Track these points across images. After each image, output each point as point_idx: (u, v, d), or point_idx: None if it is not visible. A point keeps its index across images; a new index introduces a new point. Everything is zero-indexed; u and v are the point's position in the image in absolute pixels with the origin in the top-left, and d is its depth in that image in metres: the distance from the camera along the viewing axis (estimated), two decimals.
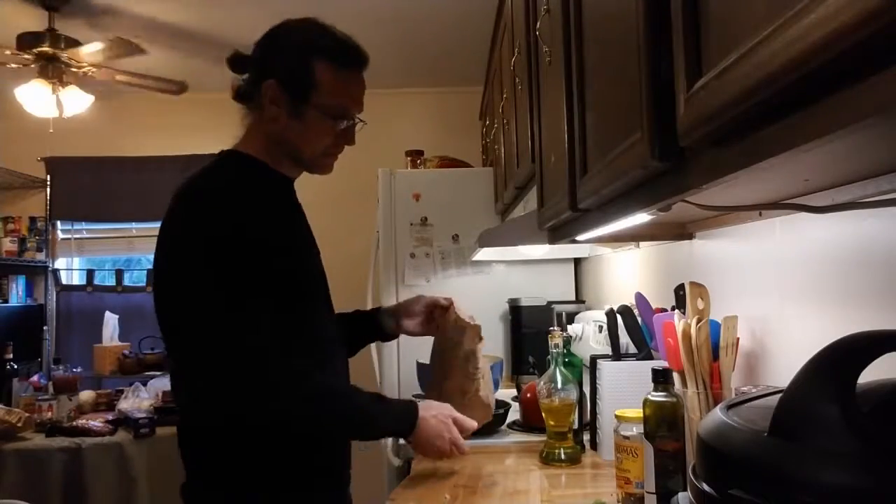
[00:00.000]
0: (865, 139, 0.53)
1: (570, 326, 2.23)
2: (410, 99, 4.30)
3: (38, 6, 3.05)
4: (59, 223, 4.48)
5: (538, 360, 2.07)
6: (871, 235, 0.93)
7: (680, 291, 1.34)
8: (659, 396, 1.14)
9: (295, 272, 1.30)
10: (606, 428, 1.58)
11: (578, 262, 3.05)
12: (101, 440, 2.90)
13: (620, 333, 1.63)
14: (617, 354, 1.63)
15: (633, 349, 1.62)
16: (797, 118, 0.46)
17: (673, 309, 1.39)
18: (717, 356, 1.21)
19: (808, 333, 1.10)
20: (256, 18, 3.12)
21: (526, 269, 3.00)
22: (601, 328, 1.90)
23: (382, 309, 1.65)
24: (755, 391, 0.95)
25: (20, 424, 2.88)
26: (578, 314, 2.39)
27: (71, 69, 3.24)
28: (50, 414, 3.04)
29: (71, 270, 4.55)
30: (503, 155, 2.57)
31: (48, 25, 3.11)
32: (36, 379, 3.48)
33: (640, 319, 1.60)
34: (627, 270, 2.24)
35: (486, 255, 2.62)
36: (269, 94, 1.29)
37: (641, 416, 1.17)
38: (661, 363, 1.33)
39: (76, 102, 3.36)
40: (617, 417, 1.30)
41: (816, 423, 0.52)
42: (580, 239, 1.43)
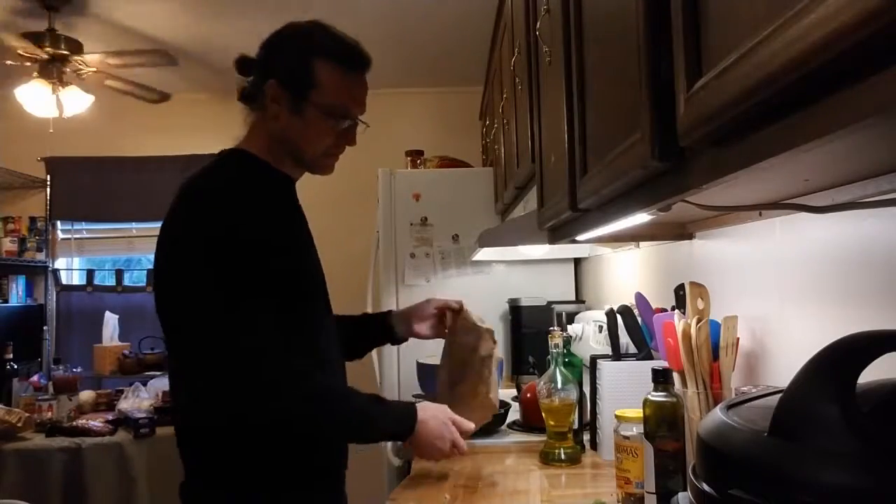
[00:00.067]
0: (865, 139, 0.53)
1: (570, 326, 2.23)
2: (410, 99, 4.30)
3: (38, 6, 3.05)
4: (59, 223, 4.48)
5: (538, 360, 2.08)
6: (871, 235, 0.93)
7: (680, 291, 1.34)
8: (659, 396, 1.14)
9: (295, 272, 1.31)
10: (606, 428, 1.58)
11: (578, 262, 3.05)
12: (101, 440, 2.90)
13: (620, 333, 1.63)
14: (617, 354, 1.63)
15: (633, 349, 1.62)
16: (797, 118, 0.46)
17: (673, 309, 1.39)
18: (717, 356, 1.21)
19: (808, 333, 1.10)
20: (258, 20, 3.14)
21: (526, 269, 3.00)
22: (601, 328, 1.90)
23: (393, 312, 1.65)
24: (755, 391, 0.95)
25: (20, 424, 2.88)
26: (578, 314, 2.39)
27: (68, 70, 3.24)
28: (50, 414, 3.05)
29: (71, 270, 4.55)
30: (503, 155, 2.57)
31: (48, 25, 3.12)
32: (36, 379, 3.48)
33: (640, 319, 1.60)
34: (627, 270, 2.24)
35: (486, 255, 2.62)
36: (270, 92, 1.30)
37: (641, 416, 1.17)
38: (661, 363, 1.33)
39: (76, 102, 3.36)
40: (617, 417, 1.30)
41: (816, 423, 0.52)
42: (580, 239, 1.43)
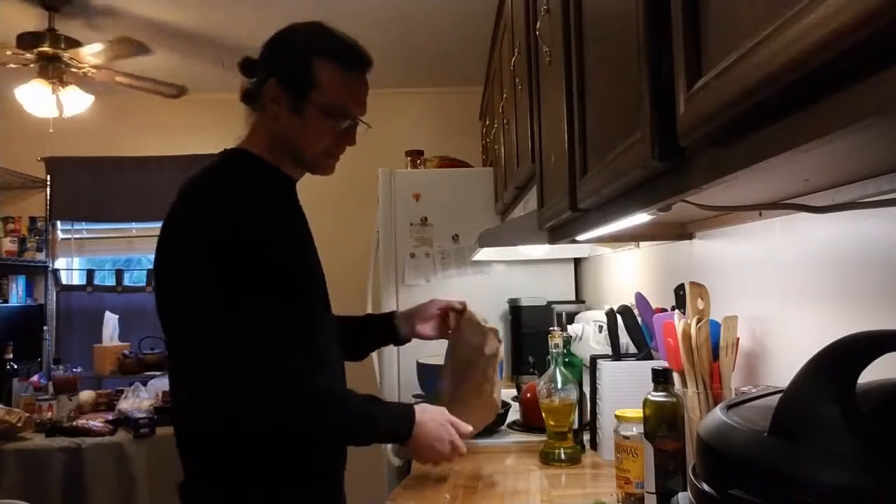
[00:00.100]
0: (865, 139, 0.53)
1: (570, 326, 2.23)
2: (410, 99, 4.30)
3: (38, 6, 3.05)
4: (59, 223, 4.48)
5: (538, 360, 2.08)
6: (871, 235, 0.93)
7: (680, 291, 1.34)
8: (659, 396, 1.14)
9: (295, 272, 1.30)
10: (606, 428, 1.58)
11: (578, 262, 3.05)
12: (101, 440, 2.90)
13: (620, 333, 1.63)
14: (617, 354, 1.63)
15: (633, 349, 1.62)
16: (797, 118, 0.46)
17: (673, 309, 1.39)
18: (717, 356, 1.21)
19: (808, 333, 1.10)
20: (256, 19, 3.14)
21: (526, 269, 3.00)
22: (601, 328, 1.90)
23: (397, 313, 1.65)
24: (755, 391, 0.95)
25: (20, 424, 2.88)
26: (578, 314, 2.39)
27: (71, 69, 3.24)
28: (50, 414, 3.05)
29: (71, 270, 4.55)
30: (503, 155, 2.57)
31: (48, 25, 3.11)
32: (36, 379, 3.48)
33: (640, 319, 1.60)
34: (627, 270, 2.24)
35: (486, 255, 2.62)
36: (270, 92, 1.30)
37: (641, 416, 1.17)
38: (661, 363, 1.33)
39: (76, 102, 3.36)
40: (617, 417, 1.30)
41: (816, 423, 0.52)
42: (580, 239, 1.43)
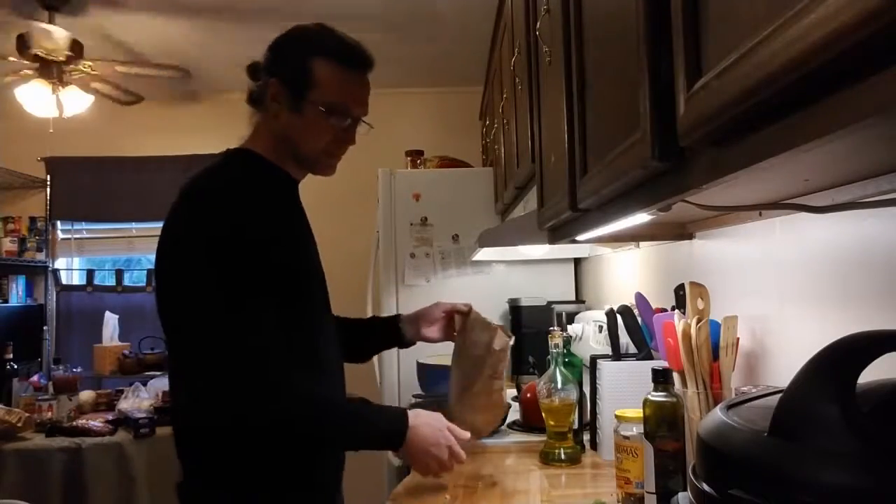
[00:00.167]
0: (865, 139, 0.53)
1: (570, 326, 2.23)
2: (410, 99, 4.30)
3: (38, 6, 3.05)
4: (59, 223, 4.48)
5: (538, 360, 2.07)
6: (871, 235, 0.93)
7: (680, 291, 1.34)
8: (659, 396, 1.14)
9: (295, 272, 1.31)
10: (606, 428, 1.58)
11: (578, 262, 3.05)
12: (101, 440, 2.90)
13: (620, 333, 1.63)
14: (617, 354, 1.63)
15: (633, 349, 1.62)
16: (797, 118, 0.46)
17: (673, 309, 1.39)
18: (717, 356, 1.21)
19: (808, 333, 1.10)
20: (255, 20, 3.14)
21: (526, 269, 3.00)
22: (601, 328, 1.90)
23: (402, 316, 1.64)
24: (755, 391, 0.95)
25: (20, 424, 2.88)
26: (578, 314, 2.39)
27: (70, 69, 3.24)
28: (50, 414, 3.04)
29: (71, 270, 4.55)
30: (503, 155, 2.58)
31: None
32: (36, 379, 3.48)
33: (640, 319, 1.60)
34: (627, 270, 2.24)
35: (486, 255, 2.62)
36: (271, 91, 1.31)
37: (641, 416, 1.17)
38: (661, 363, 1.33)
39: (76, 102, 3.36)
40: (617, 417, 1.30)
41: (816, 423, 0.52)
42: (580, 239, 1.43)
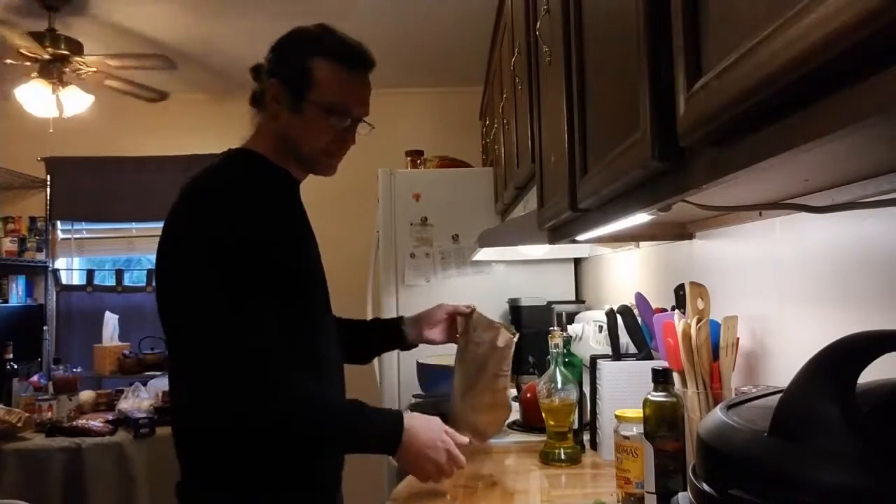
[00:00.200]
0: (865, 139, 0.53)
1: (570, 326, 2.23)
2: (410, 99, 4.30)
3: (38, 6, 3.05)
4: (59, 223, 4.48)
5: (538, 360, 2.07)
6: (871, 236, 0.93)
7: (680, 291, 1.34)
8: (659, 396, 1.14)
9: (296, 273, 1.31)
10: (606, 428, 1.58)
11: (578, 262, 3.05)
12: (101, 440, 2.90)
13: (620, 333, 1.63)
14: (617, 354, 1.63)
15: (633, 349, 1.62)
16: (797, 118, 0.46)
17: (673, 309, 1.39)
18: (717, 356, 1.21)
19: (808, 333, 1.10)
20: (256, 18, 3.14)
21: (526, 269, 3.00)
22: (601, 328, 1.90)
23: (405, 318, 1.64)
24: (755, 391, 0.95)
25: (20, 424, 2.88)
26: (578, 314, 2.39)
27: (71, 70, 3.24)
28: (50, 414, 3.05)
29: (71, 270, 4.55)
30: (503, 155, 2.57)
31: (48, 25, 3.12)
32: (36, 379, 3.48)
33: (640, 319, 1.60)
34: (627, 270, 2.24)
35: (486, 255, 2.62)
36: (272, 91, 1.32)
37: (641, 416, 1.17)
38: (661, 363, 1.33)
39: (76, 102, 3.36)
40: (617, 417, 1.30)
41: (816, 423, 0.52)
42: (580, 239, 1.43)
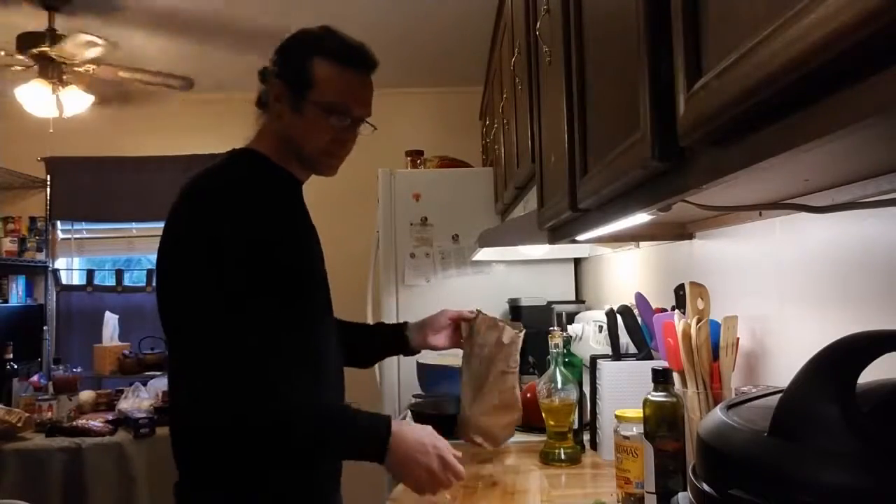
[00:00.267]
0: (865, 139, 0.53)
1: (570, 326, 2.23)
2: (410, 99, 4.30)
3: (38, 6, 3.05)
4: (59, 223, 4.47)
5: (538, 360, 2.08)
6: (871, 236, 0.93)
7: (680, 291, 1.34)
8: (659, 396, 1.14)
9: (296, 273, 1.30)
10: (606, 428, 1.58)
11: (578, 262, 3.05)
12: (101, 440, 2.90)
13: (620, 333, 1.63)
14: (617, 354, 1.64)
15: (633, 349, 1.62)
16: (797, 118, 0.46)
17: (673, 309, 1.39)
18: (717, 356, 1.21)
19: (808, 334, 1.10)
20: (257, 21, 3.14)
21: (526, 269, 3.00)
22: (601, 328, 1.90)
23: (409, 324, 1.64)
24: (755, 391, 0.95)
25: (20, 424, 2.88)
26: (578, 314, 2.39)
27: (73, 68, 3.24)
28: (50, 414, 3.04)
29: (71, 270, 4.55)
30: (503, 155, 2.57)
31: (48, 25, 3.11)
32: (36, 379, 3.48)
33: (640, 319, 1.60)
34: (627, 270, 2.24)
35: (486, 255, 2.62)
36: (274, 92, 1.32)
37: (641, 416, 1.17)
38: (661, 363, 1.33)
39: (76, 102, 3.36)
40: (617, 417, 1.30)
41: (816, 423, 0.52)
42: (580, 239, 1.43)
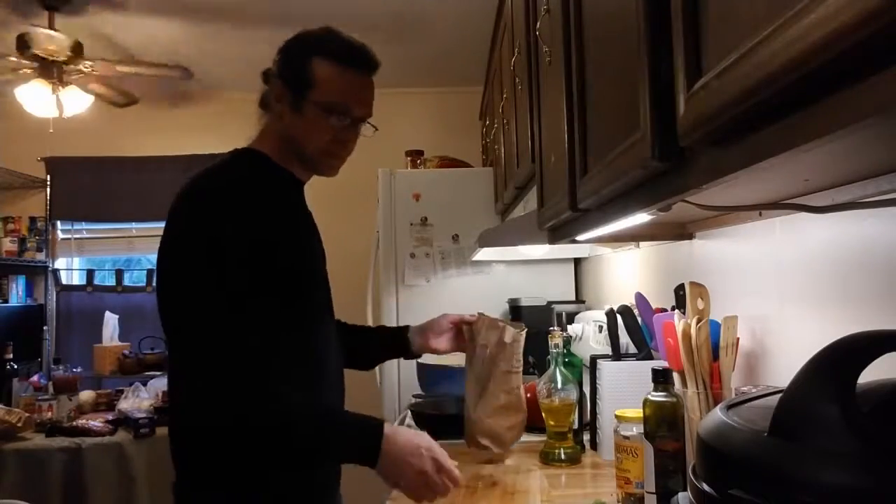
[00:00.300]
0: (865, 139, 0.53)
1: (570, 326, 2.23)
2: (410, 99, 4.30)
3: (38, 6, 3.05)
4: (59, 223, 4.47)
5: (538, 360, 2.08)
6: (871, 236, 0.93)
7: (680, 291, 1.34)
8: (659, 396, 1.14)
9: (296, 273, 1.30)
10: (606, 428, 1.58)
11: (578, 262, 3.05)
12: (101, 440, 2.90)
13: (620, 333, 1.63)
14: (617, 354, 1.64)
15: (633, 349, 1.62)
16: (797, 118, 0.46)
17: (673, 309, 1.39)
18: (717, 356, 1.21)
19: (808, 333, 1.10)
20: (256, 18, 3.14)
21: (526, 269, 3.00)
22: (601, 328, 1.90)
23: (411, 328, 1.63)
24: (755, 391, 0.95)
25: (20, 424, 2.88)
26: (578, 314, 2.39)
27: (71, 68, 3.24)
28: (50, 414, 3.04)
29: (71, 270, 4.55)
30: (503, 155, 2.57)
31: (48, 25, 3.11)
32: (36, 379, 3.48)
33: (640, 319, 1.60)
34: (627, 270, 2.24)
35: (486, 255, 2.62)
36: (275, 92, 1.32)
37: (641, 416, 1.17)
38: (661, 363, 1.33)
39: (76, 102, 3.36)
40: (617, 417, 1.30)
41: (816, 423, 0.52)
42: (580, 239, 1.43)
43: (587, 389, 1.71)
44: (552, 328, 1.77)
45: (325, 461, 1.22)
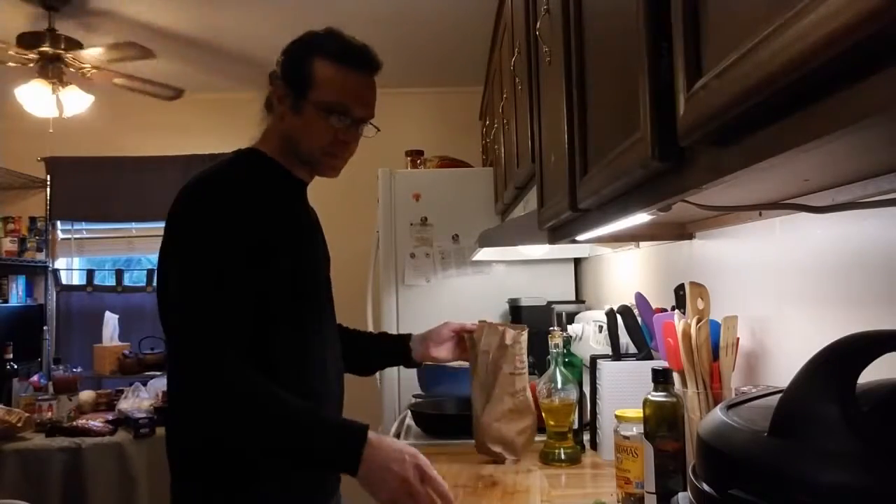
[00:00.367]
0: (865, 139, 0.53)
1: (570, 326, 2.23)
2: (410, 99, 4.30)
3: (38, 6, 3.05)
4: (59, 223, 4.48)
5: (538, 360, 2.08)
6: (871, 236, 0.93)
7: (680, 291, 1.34)
8: (659, 396, 1.14)
9: (295, 275, 1.30)
10: (606, 428, 1.58)
11: (578, 262, 3.05)
12: (101, 440, 2.90)
13: (620, 333, 1.63)
14: (617, 354, 1.63)
15: (633, 349, 1.62)
16: (797, 118, 0.46)
17: (673, 309, 1.39)
18: (717, 356, 1.21)
19: (808, 333, 1.10)
20: (256, 21, 3.14)
21: (526, 269, 3.00)
22: (601, 328, 1.90)
23: (412, 336, 1.63)
24: (755, 391, 0.95)
25: (20, 424, 2.88)
26: (578, 314, 2.39)
27: (71, 69, 3.24)
28: (50, 414, 3.04)
29: (71, 270, 4.55)
30: (503, 155, 2.57)
31: (48, 25, 3.12)
32: (36, 379, 3.48)
33: (640, 319, 1.60)
34: (627, 270, 2.24)
35: (486, 255, 2.62)
36: (276, 93, 1.33)
37: (641, 416, 1.17)
38: (661, 363, 1.33)
39: (76, 102, 3.36)
40: (617, 417, 1.30)
41: (816, 423, 0.52)
42: (580, 239, 1.43)
43: (587, 389, 1.71)
44: (552, 328, 1.77)
45: (306, 462, 1.18)
